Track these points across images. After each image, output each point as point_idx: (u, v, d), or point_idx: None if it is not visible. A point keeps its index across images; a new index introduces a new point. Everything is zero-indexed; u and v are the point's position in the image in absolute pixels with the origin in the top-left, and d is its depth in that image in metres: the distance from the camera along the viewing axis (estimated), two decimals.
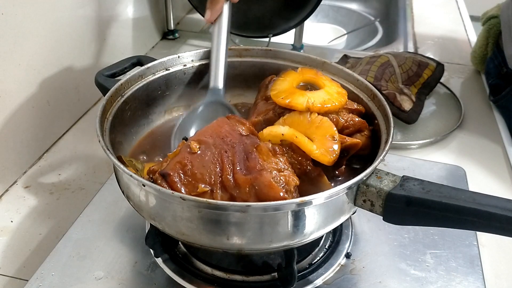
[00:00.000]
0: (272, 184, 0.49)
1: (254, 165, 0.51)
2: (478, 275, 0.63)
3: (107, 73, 0.68)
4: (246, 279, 0.61)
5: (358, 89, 0.67)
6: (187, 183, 0.51)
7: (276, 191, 0.49)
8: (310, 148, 0.55)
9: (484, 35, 1.08)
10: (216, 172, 0.51)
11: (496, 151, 0.90)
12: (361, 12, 1.61)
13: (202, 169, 0.51)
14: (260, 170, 0.50)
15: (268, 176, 0.50)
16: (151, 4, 1.19)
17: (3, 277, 0.65)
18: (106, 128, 0.58)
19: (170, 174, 0.51)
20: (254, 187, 0.49)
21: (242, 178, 0.50)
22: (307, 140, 0.56)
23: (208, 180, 0.51)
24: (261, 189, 0.49)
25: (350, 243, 0.66)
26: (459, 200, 0.47)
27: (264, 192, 0.49)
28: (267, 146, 0.54)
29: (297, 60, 0.72)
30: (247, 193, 0.50)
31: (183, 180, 0.51)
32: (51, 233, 0.71)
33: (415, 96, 0.96)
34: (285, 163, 0.53)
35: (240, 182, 0.50)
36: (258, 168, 0.50)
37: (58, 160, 0.85)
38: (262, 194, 0.49)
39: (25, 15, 0.76)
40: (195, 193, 0.50)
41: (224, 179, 0.51)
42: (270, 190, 0.49)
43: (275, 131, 0.57)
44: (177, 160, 0.52)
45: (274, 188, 0.49)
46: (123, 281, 0.61)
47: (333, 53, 1.22)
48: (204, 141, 0.54)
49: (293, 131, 0.56)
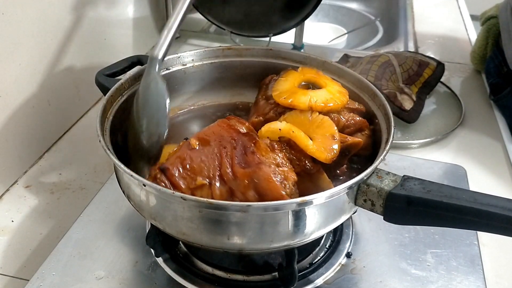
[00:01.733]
0: (271, 178, 0.49)
1: (253, 159, 0.51)
2: (479, 274, 0.63)
3: (107, 73, 0.68)
4: (247, 278, 0.61)
5: (358, 89, 0.67)
6: (186, 177, 0.52)
7: (275, 186, 0.49)
8: (306, 143, 0.55)
9: (484, 35, 1.08)
10: (214, 166, 0.52)
11: (497, 150, 0.90)
12: (361, 11, 1.61)
13: (201, 163, 0.52)
14: (258, 164, 0.50)
15: (267, 170, 0.50)
16: (151, 3, 1.19)
17: (4, 276, 0.65)
18: (106, 128, 0.58)
19: (169, 169, 0.52)
20: (253, 180, 0.49)
21: (241, 171, 0.50)
22: (304, 135, 0.56)
23: (207, 173, 0.51)
24: (260, 182, 0.49)
25: (351, 243, 0.66)
26: (460, 199, 0.47)
27: (263, 186, 0.49)
28: (265, 142, 0.54)
29: (297, 59, 0.72)
30: (246, 186, 0.50)
31: (182, 174, 0.52)
32: (51, 233, 0.71)
33: (416, 95, 0.96)
34: (283, 159, 0.53)
35: (239, 175, 0.50)
36: (257, 161, 0.51)
37: (58, 159, 0.85)
38: (261, 187, 0.49)
39: (25, 14, 0.76)
40: (193, 186, 0.51)
41: (222, 172, 0.51)
42: (269, 183, 0.49)
43: (273, 127, 0.57)
44: (176, 156, 0.53)
45: (272, 183, 0.49)
46: (123, 280, 0.61)
47: (334, 52, 1.22)
48: (204, 138, 0.55)
49: (290, 126, 0.56)
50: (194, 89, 0.75)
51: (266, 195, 0.49)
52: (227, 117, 0.58)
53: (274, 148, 0.54)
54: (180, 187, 0.51)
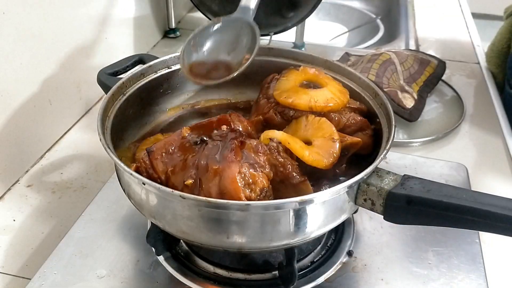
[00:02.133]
0: (235, 178, 0.49)
1: (228, 157, 0.51)
2: (480, 272, 0.63)
3: (109, 72, 0.68)
4: (248, 277, 0.61)
5: (360, 88, 0.67)
6: (166, 161, 0.53)
7: (236, 187, 0.49)
8: (302, 154, 0.55)
9: (507, 29, 1.06)
10: (194, 156, 0.53)
11: (498, 148, 0.89)
12: (362, 10, 1.61)
13: (184, 151, 0.54)
14: (230, 162, 0.50)
15: (235, 170, 0.49)
16: (152, 2, 1.19)
17: (6, 275, 0.65)
18: (107, 127, 0.59)
19: (154, 151, 0.54)
20: (220, 176, 0.49)
21: (212, 166, 0.51)
22: (300, 145, 0.55)
23: (186, 161, 0.53)
24: (224, 180, 0.49)
25: (352, 241, 0.66)
26: (460, 199, 0.47)
27: (226, 184, 0.49)
28: (251, 143, 0.54)
29: (298, 58, 0.72)
30: (212, 180, 0.50)
31: (164, 158, 0.53)
32: (53, 232, 0.71)
33: (417, 93, 0.96)
34: (264, 163, 0.53)
35: (210, 168, 0.50)
36: (230, 160, 0.50)
37: (60, 159, 0.85)
38: (223, 185, 0.49)
39: (26, 14, 0.76)
40: (169, 171, 0.53)
41: (198, 163, 0.52)
42: (232, 183, 0.49)
43: (270, 135, 0.56)
44: (165, 141, 0.55)
45: (235, 183, 0.49)
46: (125, 279, 0.61)
47: (335, 51, 1.22)
48: (197, 129, 0.57)
49: (286, 136, 0.56)
50: (195, 88, 0.75)
51: (226, 194, 0.49)
52: (228, 113, 0.59)
53: (258, 151, 0.53)
54: (157, 171, 0.53)
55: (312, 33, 1.39)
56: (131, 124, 0.67)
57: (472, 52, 1.24)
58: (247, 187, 0.50)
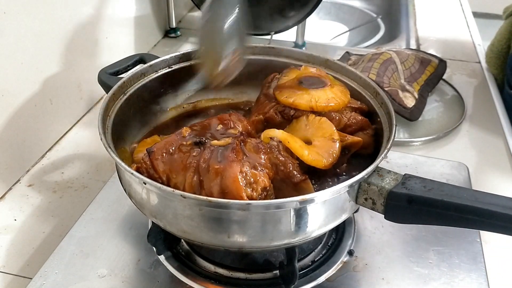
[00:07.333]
0: (236, 178, 0.49)
1: (229, 156, 0.51)
2: (481, 271, 0.63)
3: (110, 71, 0.68)
4: (249, 276, 0.61)
5: (360, 87, 0.67)
6: (166, 162, 0.53)
7: (238, 186, 0.49)
8: (301, 154, 0.55)
9: (507, 29, 1.06)
10: (195, 156, 0.53)
11: (499, 148, 0.89)
12: (363, 9, 1.61)
13: (183, 151, 0.53)
14: (231, 162, 0.50)
15: (236, 169, 0.50)
16: (153, 2, 1.19)
17: (7, 275, 0.65)
18: (108, 126, 0.59)
19: (154, 151, 0.53)
20: (221, 176, 0.49)
21: (214, 166, 0.50)
22: (299, 145, 0.55)
23: (186, 161, 0.52)
24: (226, 179, 0.49)
25: (353, 240, 0.66)
26: (461, 198, 0.47)
27: (227, 183, 0.49)
28: (252, 142, 0.54)
29: (299, 57, 0.72)
30: (214, 180, 0.50)
31: (165, 158, 0.53)
32: (54, 231, 0.71)
33: (418, 93, 0.96)
34: (265, 162, 0.53)
35: (211, 168, 0.50)
36: (231, 159, 0.50)
37: (61, 158, 0.85)
38: (224, 185, 0.49)
39: (27, 13, 0.76)
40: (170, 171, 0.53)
41: (199, 163, 0.52)
42: (233, 183, 0.49)
43: (270, 134, 0.56)
44: (166, 141, 0.55)
45: (236, 182, 0.49)
46: (126, 278, 0.61)
47: (335, 50, 1.22)
48: (196, 128, 0.57)
49: (286, 135, 0.56)
50: (195, 87, 0.75)
51: (228, 193, 0.49)
52: (228, 113, 0.59)
53: (259, 150, 0.53)
54: (158, 171, 0.53)
55: (313, 32, 1.39)
56: (132, 123, 0.67)
57: (473, 51, 1.24)
58: (248, 186, 0.50)
